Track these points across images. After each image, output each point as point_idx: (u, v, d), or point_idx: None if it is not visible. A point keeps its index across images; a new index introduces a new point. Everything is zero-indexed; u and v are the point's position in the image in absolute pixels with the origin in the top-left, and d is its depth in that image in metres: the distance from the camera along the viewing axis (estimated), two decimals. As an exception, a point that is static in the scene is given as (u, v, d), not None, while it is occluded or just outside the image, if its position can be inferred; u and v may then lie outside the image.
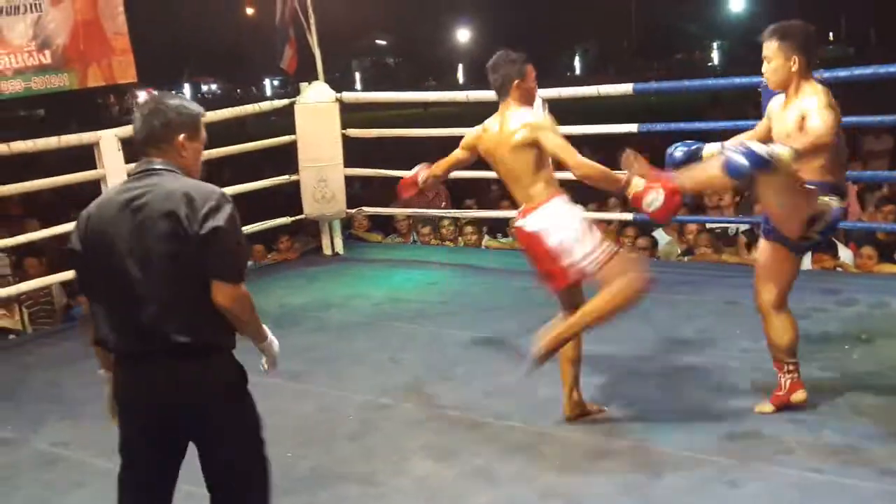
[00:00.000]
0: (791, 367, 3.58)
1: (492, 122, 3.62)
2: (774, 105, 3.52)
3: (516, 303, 5.24)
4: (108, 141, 5.73)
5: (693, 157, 3.59)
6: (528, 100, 3.56)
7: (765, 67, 3.42)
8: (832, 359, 4.11)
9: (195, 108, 2.53)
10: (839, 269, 5.62)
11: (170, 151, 2.45)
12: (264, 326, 2.65)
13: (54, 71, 6.03)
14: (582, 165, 3.44)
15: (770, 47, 3.38)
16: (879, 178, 6.86)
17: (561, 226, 3.41)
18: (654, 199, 3.36)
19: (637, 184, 3.40)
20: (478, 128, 3.72)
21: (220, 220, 2.34)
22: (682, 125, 6.58)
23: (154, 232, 2.32)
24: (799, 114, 3.29)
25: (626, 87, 5.82)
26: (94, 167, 5.84)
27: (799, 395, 3.57)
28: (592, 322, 3.43)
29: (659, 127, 6.19)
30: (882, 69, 4.91)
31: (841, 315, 4.65)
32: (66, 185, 6.57)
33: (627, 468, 3.29)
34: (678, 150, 3.64)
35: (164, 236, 2.32)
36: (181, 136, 2.46)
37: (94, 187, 5.87)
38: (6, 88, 5.84)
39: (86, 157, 6.71)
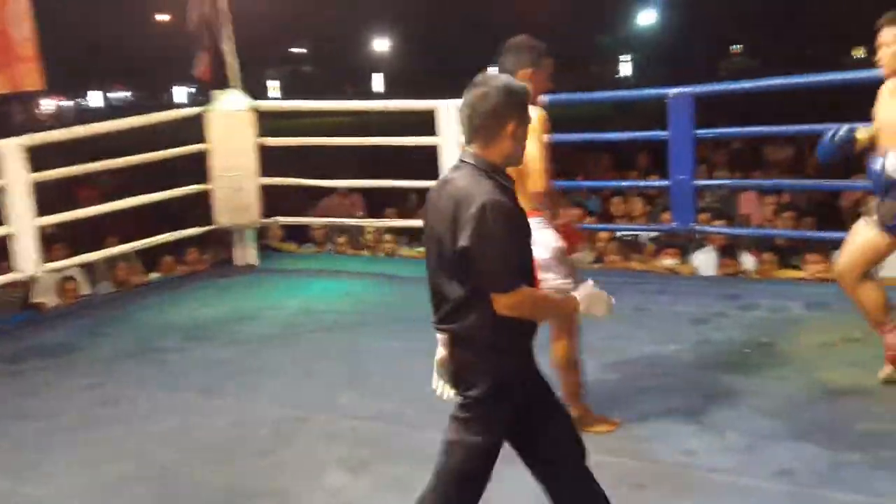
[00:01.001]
0: (892, 326, 3.78)
1: None
2: (885, 92, 3.66)
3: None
4: (10, 150, 5.52)
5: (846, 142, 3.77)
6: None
7: (882, 52, 3.58)
8: (733, 362, 4.25)
9: (522, 87, 2.44)
10: (741, 274, 5.82)
11: (486, 141, 2.39)
12: (558, 296, 2.83)
13: (-46, 77, 5.79)
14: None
15: (891, 32, 3.54)
16: (782, 186, 7.14)
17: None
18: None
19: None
20: None
21: (466, 238, 2.31)
22: (589, 135, 6.74)
23: (438, 229, 2.38)
24: None
25: (541, 99, 5.88)
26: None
27: None
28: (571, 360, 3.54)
29: (574, 137, 6.30)
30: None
31: (742, 320, 4.81)
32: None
33: (539, 474, 3.33)
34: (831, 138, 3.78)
35: (442, 237, 2.37)
36: (510, 125, 2.39)
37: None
38: None
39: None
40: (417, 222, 7.07)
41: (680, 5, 34.45)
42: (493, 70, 3.28)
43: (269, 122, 6.91)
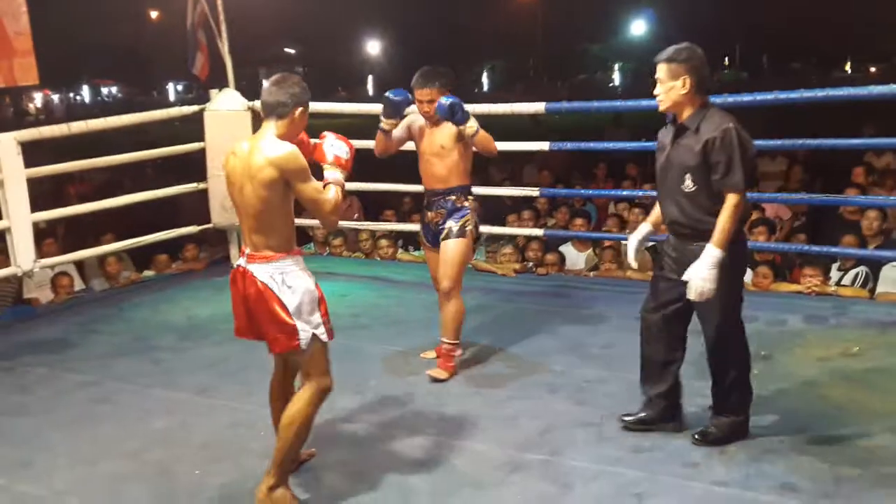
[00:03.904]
0: None
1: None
2: None
3: (428, 316, 5.23)
4: (6, 144, 5.46)
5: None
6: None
7: None
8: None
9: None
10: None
11: None
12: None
13: (-51, 71, 5.72)
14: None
15: None
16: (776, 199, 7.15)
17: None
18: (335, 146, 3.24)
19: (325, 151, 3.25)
20: None
21: None
22: (591, 144, 6.75)
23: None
24: None
25: (538, 106, 5.91)
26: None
27: None
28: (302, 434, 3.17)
29: (569, 145, 6.32)
30: (783, 95, 5.11)
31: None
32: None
33: (540, 482, 3.32)
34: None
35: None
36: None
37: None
38: None
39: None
40: (414, 226, 7.08)
41: (671, 16, 34.63)
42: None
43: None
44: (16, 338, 5.33)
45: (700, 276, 3.28)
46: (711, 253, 3.28)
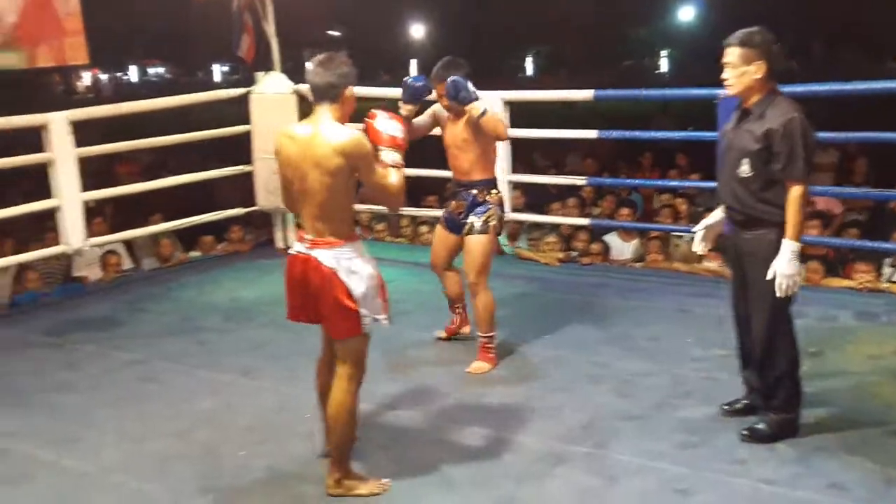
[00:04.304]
0: None
1: None
2: None
3: (467, 298, 5.22)
4: (59, 124, 5.55)
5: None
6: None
7: None
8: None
9: None
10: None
11: None
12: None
13: (2, 50, 5.83)
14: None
15: None
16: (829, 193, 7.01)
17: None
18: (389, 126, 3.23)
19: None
20: None
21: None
22: (638, 133, 6.66)
23: None
24: None
25: (587, 93, 5.85)
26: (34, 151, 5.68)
27: None
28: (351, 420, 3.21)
29: (616, 134, 6.24)
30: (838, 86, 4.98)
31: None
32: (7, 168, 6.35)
33: (583, 475, 3.30)
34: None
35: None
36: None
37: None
38: (-50, 66, 5.64)
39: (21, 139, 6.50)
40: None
41: (721, 2, 34.04)
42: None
43: (308, 107, 6.86)
44: (65, 315, 5.44)
45: (783, 273, 3.28)
46: (789, 247, 3.29)
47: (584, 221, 6.47)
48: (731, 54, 3.34)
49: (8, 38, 5.80)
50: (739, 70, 3.33)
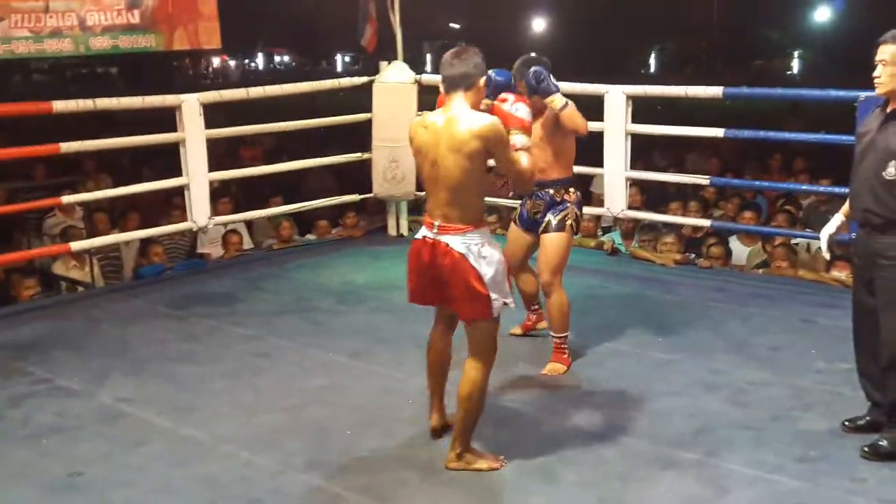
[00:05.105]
0: None
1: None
2: None
3: (581, 304, 5.18)
4: (191, 105, 5.79)
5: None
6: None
7: None
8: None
9: None
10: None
11: None
12: None
13: (142, 31, 6.12)
14: None
15: None
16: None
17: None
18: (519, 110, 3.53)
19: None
20: None
21: None
22: (769, 133, 6.43)
23: None
24: None
25: (715, 90, 5.68)
26: (166, 130, 5.94)
27: None
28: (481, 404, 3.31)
29: (746, 133, 6.03)
30: None
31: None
32: (141, 146, 6.68)
33: (693, 482, 3.22)
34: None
35: None
36: None
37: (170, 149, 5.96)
38: (96, 45, 5.95)
39: (154, 119, 6.81)
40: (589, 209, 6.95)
41: (860, 4, 32.46)
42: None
43: (428, 97, 6.90)
44: (187, 289, 5.68)
45: None
46: None
47: (705, 223, 6.29)
48: (886, 52, 3.27)
49: (147, 20, 6.08)
50: (892, 68, 3.24)
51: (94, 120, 9.65)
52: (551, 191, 4.24)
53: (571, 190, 4.28)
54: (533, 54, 4.28)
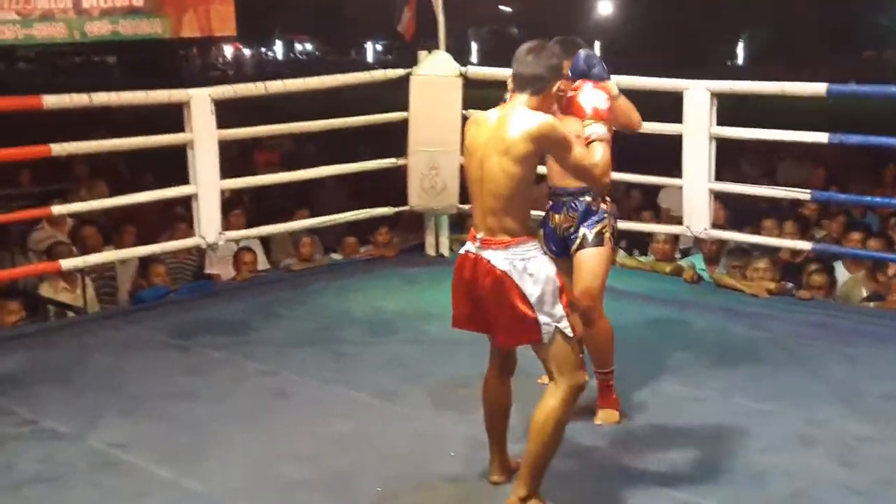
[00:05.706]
0: None
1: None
2: None
3: (653, 338, 5.15)
4: (201, 101, 5.83)
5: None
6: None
7: None
8: None
9: None
10: None
11: None
12: None
13: (146, 15, 6.20)
14: None
15: None
16: None
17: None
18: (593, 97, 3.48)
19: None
20: None
21: None
22: (882, 139, 6.32)
23: None
24: None
25: (818, 87, 5.63)
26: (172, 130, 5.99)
27: None
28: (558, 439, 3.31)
29: (855, 139, 5.94)
30: None
31: None
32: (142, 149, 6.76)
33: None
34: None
35: None
36: None
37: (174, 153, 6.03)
38: (93, 30, 6.02)
39: (156, 117, 6.88)
40: (643, 226, 6.93)
41: None
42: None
43: (472, 92, 6.87)
44: (192, 315, 5.74)
45: None
46: None
47: (806, 245, 6.21)
48: None
49: (152, 3, 6.16)
50: None
51: (85, 117, 9.71)
52: (588, 198, 4.16)
53: (608, 199, 4.23)
54: (568, 37, 4.19)
